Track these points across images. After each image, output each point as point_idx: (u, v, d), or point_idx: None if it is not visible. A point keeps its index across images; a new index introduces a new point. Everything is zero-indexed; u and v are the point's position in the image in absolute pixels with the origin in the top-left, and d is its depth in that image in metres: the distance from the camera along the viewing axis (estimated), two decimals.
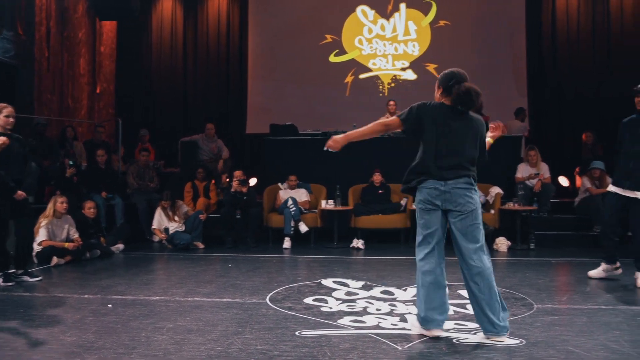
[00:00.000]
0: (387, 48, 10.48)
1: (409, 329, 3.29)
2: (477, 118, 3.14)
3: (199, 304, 3.96)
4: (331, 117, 9.71)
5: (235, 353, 2.87)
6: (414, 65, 10.39)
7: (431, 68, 10.24)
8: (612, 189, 4.63)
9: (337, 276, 4.96)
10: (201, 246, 6.98)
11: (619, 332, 3.23)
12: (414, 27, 10.43)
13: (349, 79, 10.50)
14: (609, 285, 4.57)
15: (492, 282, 2.98)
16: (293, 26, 10.60)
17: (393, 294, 4.25)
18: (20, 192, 4.68)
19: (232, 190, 7.12)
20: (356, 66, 10.52)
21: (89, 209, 6.35)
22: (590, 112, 9.59)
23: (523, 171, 7.41)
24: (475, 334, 3.17)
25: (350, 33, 10.55)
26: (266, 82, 10.65)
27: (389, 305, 3.91)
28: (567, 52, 10.05)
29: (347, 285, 4.57)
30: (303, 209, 7.28)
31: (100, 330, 3.31)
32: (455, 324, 3.41)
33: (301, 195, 7.51)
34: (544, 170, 7.38)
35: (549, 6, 10.17)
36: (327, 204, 7.10)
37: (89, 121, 9.97)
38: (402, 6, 10.45)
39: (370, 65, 10.50)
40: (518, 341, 3.03)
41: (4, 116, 4.62)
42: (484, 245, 3.05)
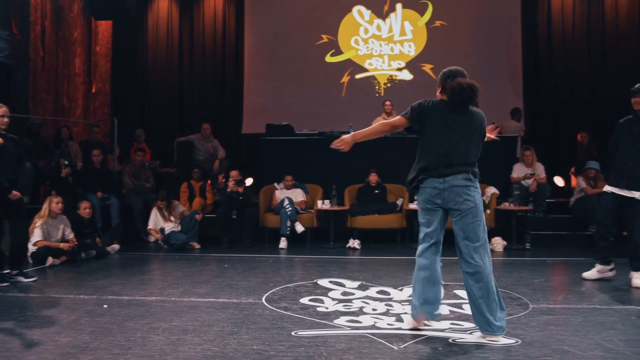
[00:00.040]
0: (383, 48, 10.50)
1: (405, 328, 3.30)
2: (477, 113, 3.12)
3: (195, 304, 3.95)
4: (327, 117, 9.71)
5: (231, 353, 2.87)
6: (410, 65, 10.41)
7: (427, 68, 10.26)
8: (608, 188, 4.63)
9: (333, 276, 4.96)
10: (197, 246, 6.97)
11: (614, 331, 3.25)
12: (410, 27, 10.45)
13: (345, 79, 10.51)
14: (604, 285, 4.58)
15: (490, 281, 2.99)
16: (289, 26, 10.59)
17: (389, 294, 4.25)
18: (15, 192, 4.67)
19: (228, 190, 7.11)
20: (352, 66, 10.53)
21: (84, 209, 6.33)
22: (585, 112, 9.64)
23: (519, 171, 7.43)
24: (471, 333, 3.17)
25: (347, 33, 10.56)
26: (262, 82, 10.64)
27: (385, 305, 3.91)
28: (563, 52, 10.10)
29: (343, 286, 4.57)
30: (299, 209, 7.28)
31: (96, 330, 3.30)
32: (451, 323, 3.42)
33: (297, 195, 7.51)
34: (540, 170, 7.41)
35: (544, 7, 10.22)
36: (323, 204, 7.10)
37: (84, 121, 9.94)
38: (398, 6, 10.46)
39: (366, 66, 10.51)
40: (514, 341, 3.04)
41: None
42: (486, 244, 3.03)
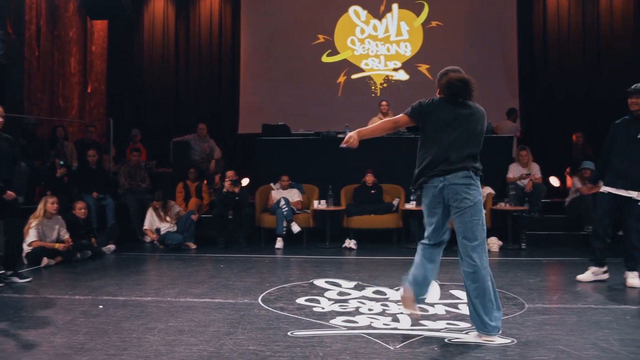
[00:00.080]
0: (380, 48, 10.50)
1: (401, 329, 3.30)
2: (477, 109, 3.13)
3: (191, 305, 3.94)
4: (323, 117, 9.71)
5: (227, 354, 2.87)
6: (406, 65, 10.42)
7: (423, 68, 10.28)
8: (605, 189, 4.63)
9: (329, 276, 4.96)
10: (193, 247, 6.95)
11: (609, 330, 3.26)
12: (406, 27, 10.46)
13: (341, 79, 10.51)
14: (599, 285, 4.60)
15: (486, 281, 2.99)
16: (285, 26, 10.58)
17: (385, 294, 4.25)
18: (9, 192, 4.65)
19: (224, 190, 7.10)
20: (348, 66, 10.53)
21: (79, 209, 6.30)
22: (580, 113, 9.67)
23: (514, 171, 7.45)
24: (467, 333, 3.18)
25: (343, 33, 10.56)
26: (258, 81, 10.63)
27: (381, 305, 3.91)
28: (558, 53, 10.13)
29: (339, 286, 4.57)
30: (295, 209, 7.27)
31: (91, 331, 3.29)
32: (447, 323, 3.42)
33: (293, 195, 7.50)
34: (535, 170, 7.43)
35: (539, 7, 10.25)
36: (319, 204, 7.10)
37: (79, 121, 9.91)
38: (395, 7, 10.47)
39: (362, 66, 10.51)
40: (509, 340, 3.05)
41: None
42: (484, 243, 3.03)
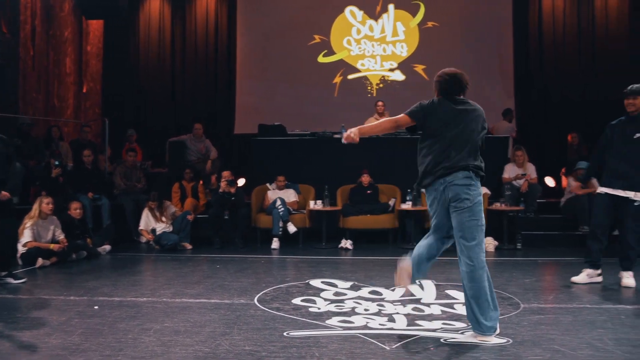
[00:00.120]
0: (376, 49, 10.51)
1: (397, 329, 3.31)
2: (476, 107, 3.16)
3: (187, 305, 3.93)
4: (320, 117, 9.70)
5: (223, 354, 2.86)
6: (402, 66, 10.42)
7: (419, 69, 10.29)
8: (602, 189, 4.65)
9: (325, 276, 4.96)
10: (189, 247, 6.94)
11: (604, 330, 3.27)
12: (402, 28, 10.46)
13: (337, 79, 10.51)
14: (594, 285, 4.62)
15: (482, 281, 2.99)
16: (282, 26, 10.57)
17: (381, 294, 4.26)
18: (4, 192, 4.62)
19: (220, 190, 7.09)
20: (345, 67, 10.53)
21: (75, 209, 6.28)
22: (575, 114, 9.69)
23: (510, 171, 7.47)
24: (462, 333, 3.19)
25: (339, 33, 10.56)
26: (254, 82, 10.61)
27: (377, 305, 3.92)
28: (554, 54, 10.15)
29: (335, 286, 4.57)
30: (291, 210, 7.27)
31: (86, 332, 3.28)
32: (443, 323, 3.43)
33: (289, 195, 7.50)
34: (531, 170, 7.45)
35: (535, 8, 10.27)
36: (315, 205, 7.09)
37: (75, 121, 9.87)
38: (391, 7, 10.48)
39: (358, 66, 10.52)
40: (505, 340, 3.06)
41: None
42: (481, 244, 3.04)
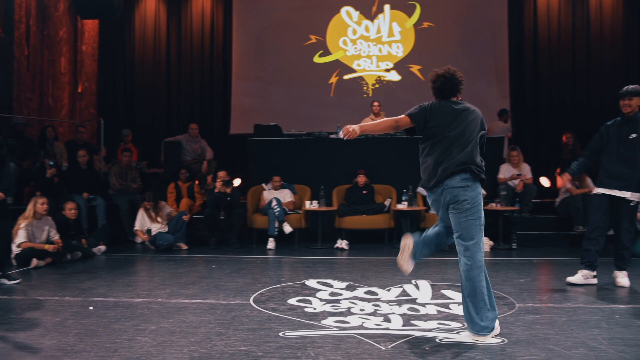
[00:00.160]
0: (372, 49, 10.52)
1: (393, 329, 3.31)
2: (473, 108, 3.19)
3: (182, 306, 3.93)
4: (315, 117, 9.71)
5: (218, 355, 2.86)
6: (398, 66, 10.44)
7: (415, 69, 10.31)
8: (598, 190, 4.66)
9: (321, 277, 4.96)
10: (184, 247, 6.92)
11: (598, 330, 3.29)
12: (398, 28, 10.48)
13: (333, 79, 10.52)
14: (589, 285, 4.63)
15: (479, 281, 3.00)
16: (277, 26, 10.57)
17: (377, 294, 4.26)
18: None
19: (216, 191, 7.08)
20: (340, 67, 10.54)
21: (69, 210, 6.26)
22: (570, 114, 9.75)
23: (505, 172, 7.50)
24: (458, 333, 3.20)
25: (335, 34, 10.57)
26: (250, 82, 10.61)
27: (373, 305, 3.92)
28: (548, 55, 10.18)
29: (331, 286, 4.58)
30: (287, 210, 7.27)
31: (81, 333, 3.27)
32: (439, 323, 3.44)
33: (285, 195, 7.50)
34: (526, 171, 7.48)
35: (530, 8, 10.31)
36: (311, 205, 7.09)
37: (70, 121, 9.83)
38: (387, 7, 10.50)
39: (354, 66, 10.53)
40: (500, 340, 3.07)
41: None
42: (479, 243, 3.05)
